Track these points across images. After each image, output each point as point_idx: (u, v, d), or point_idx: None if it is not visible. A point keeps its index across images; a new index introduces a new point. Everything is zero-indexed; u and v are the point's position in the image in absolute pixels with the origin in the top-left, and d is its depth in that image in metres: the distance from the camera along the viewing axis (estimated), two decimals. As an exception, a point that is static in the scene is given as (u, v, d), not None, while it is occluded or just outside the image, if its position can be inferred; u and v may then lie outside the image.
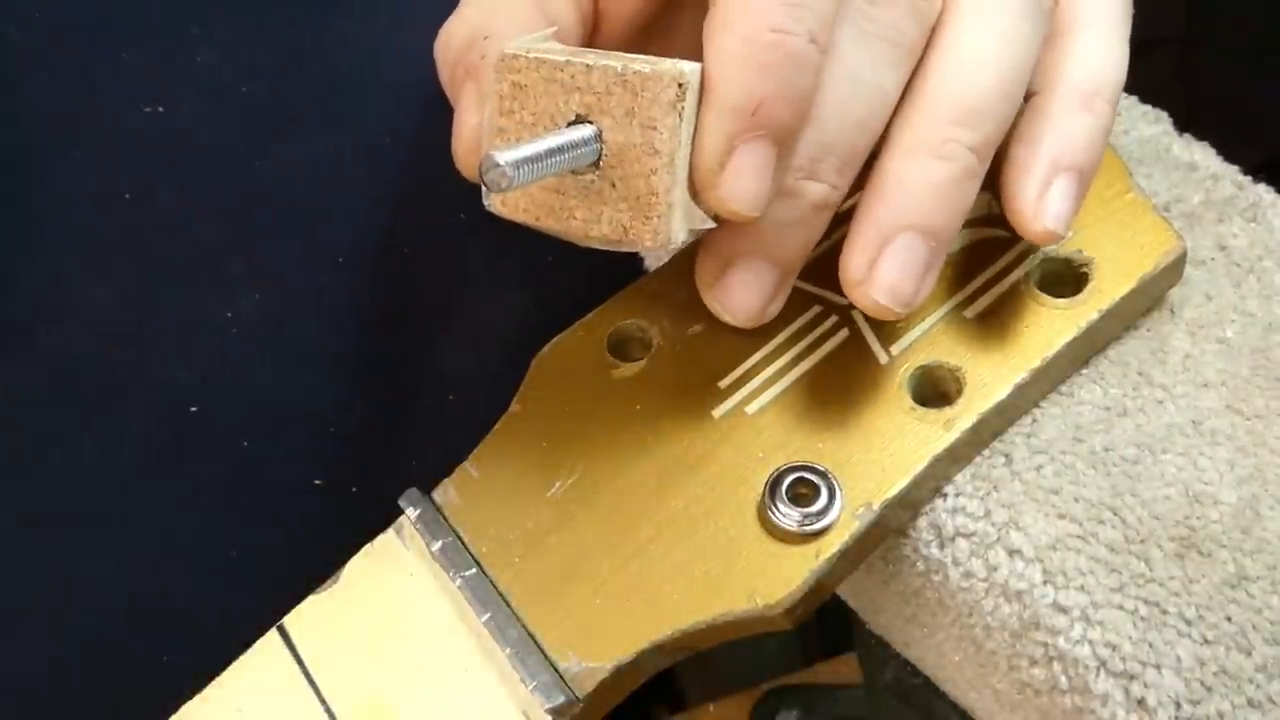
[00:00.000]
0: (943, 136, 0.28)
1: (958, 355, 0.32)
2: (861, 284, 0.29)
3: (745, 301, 0.30)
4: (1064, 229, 0.30)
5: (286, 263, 0.38)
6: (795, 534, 0.30)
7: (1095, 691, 0.29)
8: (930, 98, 0.29)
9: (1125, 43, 0.32)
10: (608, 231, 0.27)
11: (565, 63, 0.27)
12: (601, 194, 0.27)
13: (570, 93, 0.27)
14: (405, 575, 0.31)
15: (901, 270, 0.28)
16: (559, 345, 0.33)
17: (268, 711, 0.31)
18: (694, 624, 0.29)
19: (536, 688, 0.29)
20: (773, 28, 0.26)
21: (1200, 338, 0.34)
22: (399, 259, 0.39)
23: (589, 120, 0.27)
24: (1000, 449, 0.32)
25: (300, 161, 0.38)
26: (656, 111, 0.26)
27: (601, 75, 0.27)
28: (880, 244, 0.28)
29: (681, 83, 0.26)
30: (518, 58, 0.27)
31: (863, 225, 0.29)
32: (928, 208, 0.28)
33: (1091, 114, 0.30)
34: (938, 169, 0.28)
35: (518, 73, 0.27)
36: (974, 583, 0.31)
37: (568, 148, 0.26)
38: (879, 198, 0.28)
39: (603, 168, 0.27)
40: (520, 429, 0.32)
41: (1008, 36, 0.29)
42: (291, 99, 0.38)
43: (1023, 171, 0.30)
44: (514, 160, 0.25)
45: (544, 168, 0.26)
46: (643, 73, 0.26)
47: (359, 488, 0.40)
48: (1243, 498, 0.31)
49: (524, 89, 0.27)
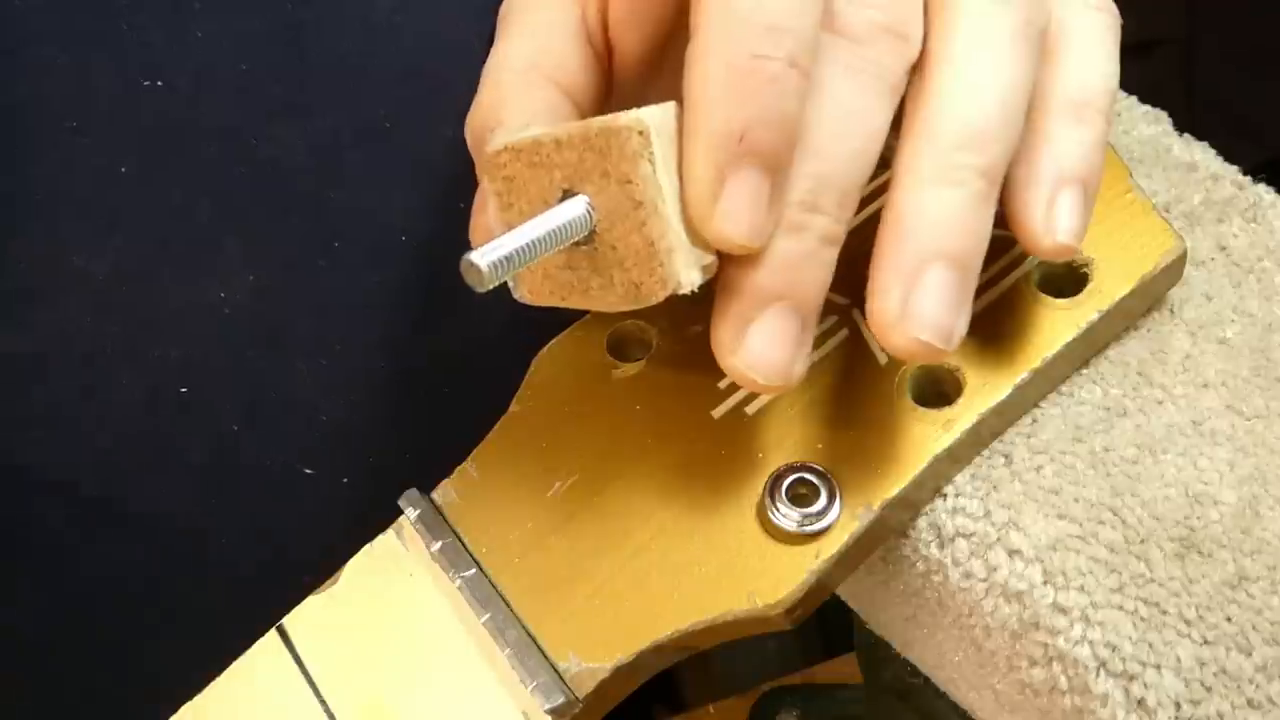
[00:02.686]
0: (951, 163, 0.28)
1: (957, 355, 0.32)
2: (900, 322, 0.27)
3: (773, 355, 0.27)
4: (1076, 241, 0.30)
5: (281, 245, 0.38)
6: (795, 534, 0.30)
7: (1095, 692, 0.29)
8: (932, 126, 0.28)
9: (1114, 52, 0.32)
10: (624, 294, 0.27)
11: (535, 143, 0.27)
12: (607, 260, 0.27)
13: (550, 170, 0.27)
14: (405, 575, 0.31)
15: (938, 303, 0.27)
16: (559, 345, 0.33)
17: (267, 711, 0.31)
18: (694, 624, 0.29)
19: (536, 688, 0.29)
20: (752, 53, 0.26)
21: (1200, 338, 0.34)
22: (395, 246, 0.39)
23: (575, 193, 0.27)
24: (1000, 449, 0.32)
25: (297, 142, 0.38)
26: (626, 165, 0.26)
27: (569, 144, 0.26)
28: (909, 279, 0.27)
29: (641, 130, 0.26)
30: (500, 153, 0.28)
31: (886, 263, 0.28)
32: (949, 235, 0.28)
33: (1085, 125, 0.30)
34: (952, 196, 0.28)
35: (504, 167, 0.28)
36: (974, 583, 0.31)
37: (552, 228, 0.26)
38: (897, 233, 0.28)
39: (599, 234, 0.27)
40: (520, 429, 0.32)
41: (1003, 59, 0.29)
42: (290, 78, 0.38)
43: (1026, 190, 0.30)
44: (490, 260, 0.25)
45: (528, 255, 0.26)
46: (605, 129, 0.26)
47: (349, 478, 0.40)
48: (1243, 498, 0.31)
49: (513, 181, 0.28)
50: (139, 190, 0.34)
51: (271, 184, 0.38)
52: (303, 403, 0.40)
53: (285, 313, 0.38)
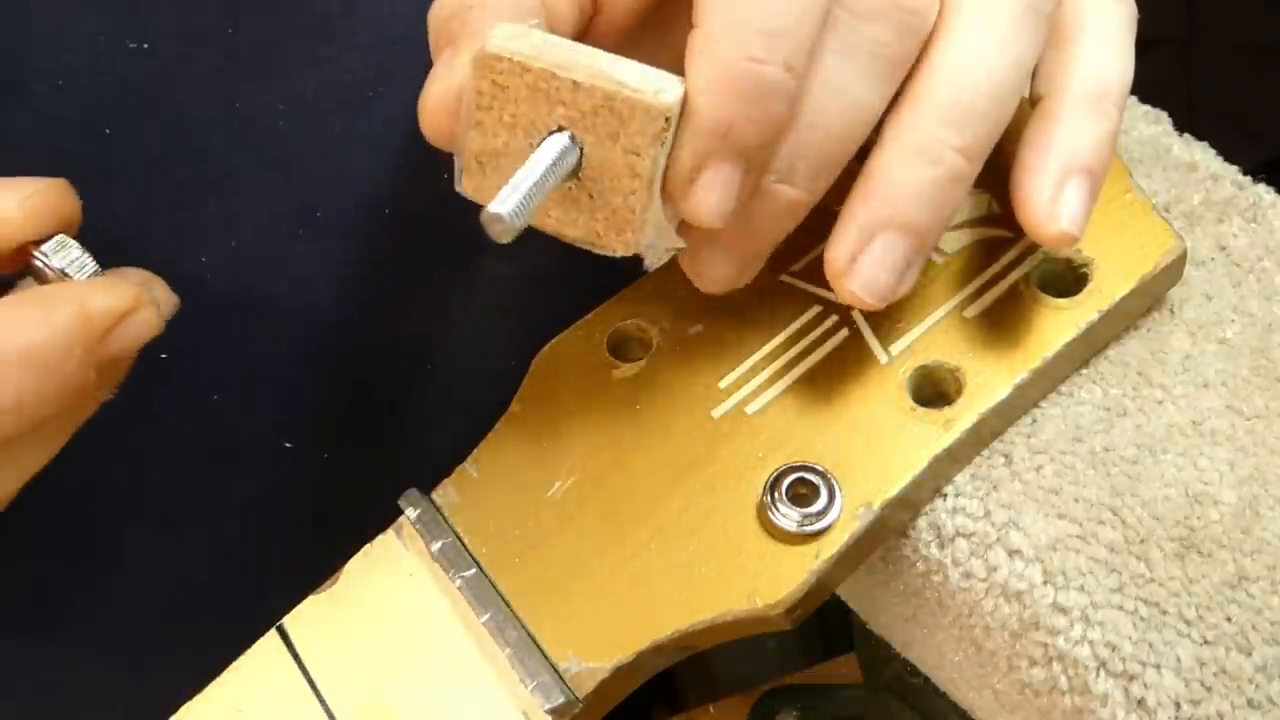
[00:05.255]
0: (930, 138, 0.28)
1: (957, 355, 0.32)
2: (842, 276, 0.29)
3: (716, 272, 0.30)
4: (1079, 231, 0.30)
5: (261, 212, 0.38)
6: (795, 534, 0.30)
7: (1095, 692, 0.29)
8: (920, 99, 0.29)
9: (1130, 47, 0.32)
10: (581, 235, 0.28)
11: (552, 75, 0.27)
12: (578, 202, 0.28)
13: (554, 105, 0.27)
14: (405, 575, 0.31)
15: (880, 266, 0.29)
16: (559, 345, 0.33)
17: (267, 711, 0.31)
18: (694, 624, 0.29)
19: (536, 688, 0.29)
20: (749, 57, 0.26)
21: (1200, 338, 0.34)
22: (378, 216, 0.39)
23: (569, 132, 0.27)
24: (1000, 449, 0.32)
25: (278, 105, 0.37)
26: (642, 141, 0.26)
27: (589, 96, 0.26)
28: (862, 240, 0.29)
29: (669, 116, 0.26)
30: (501, 59, 0.27)
31: (847, 221, 0.29)
32: (911, 208, 0.29)
33: (1100, 117, 0.30)
34: (924, 170, 0.28)
35: (500, 74, 0.27)
36: (974, 583, 0.31)
37: (551, 170, 0.27)
38: (865, 196, 0.29)
39: (581, 179, 0.27)
40: (520, 429, 0.32)
41: (1002, 39, 0.29)
42: (272, 37, 0.37)
43: (1034, 175, 0.30)
44: (513, 209, 0.26)
45: (538, 196, 0.26)
46: (631, 100, 0.26)
47: (329, 453, 0.40)
48: (1243, 498, 0.31)
49: (505, 90, 0.27)
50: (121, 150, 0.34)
51: (250, 148, 0.38)
52: (281, 375, 0.39)
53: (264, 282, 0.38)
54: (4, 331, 0.28)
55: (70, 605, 0.40)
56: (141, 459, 0.39)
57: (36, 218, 0.30)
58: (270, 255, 0.38)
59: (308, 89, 0.38)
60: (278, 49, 0.37)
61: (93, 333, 0.29)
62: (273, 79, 0.37)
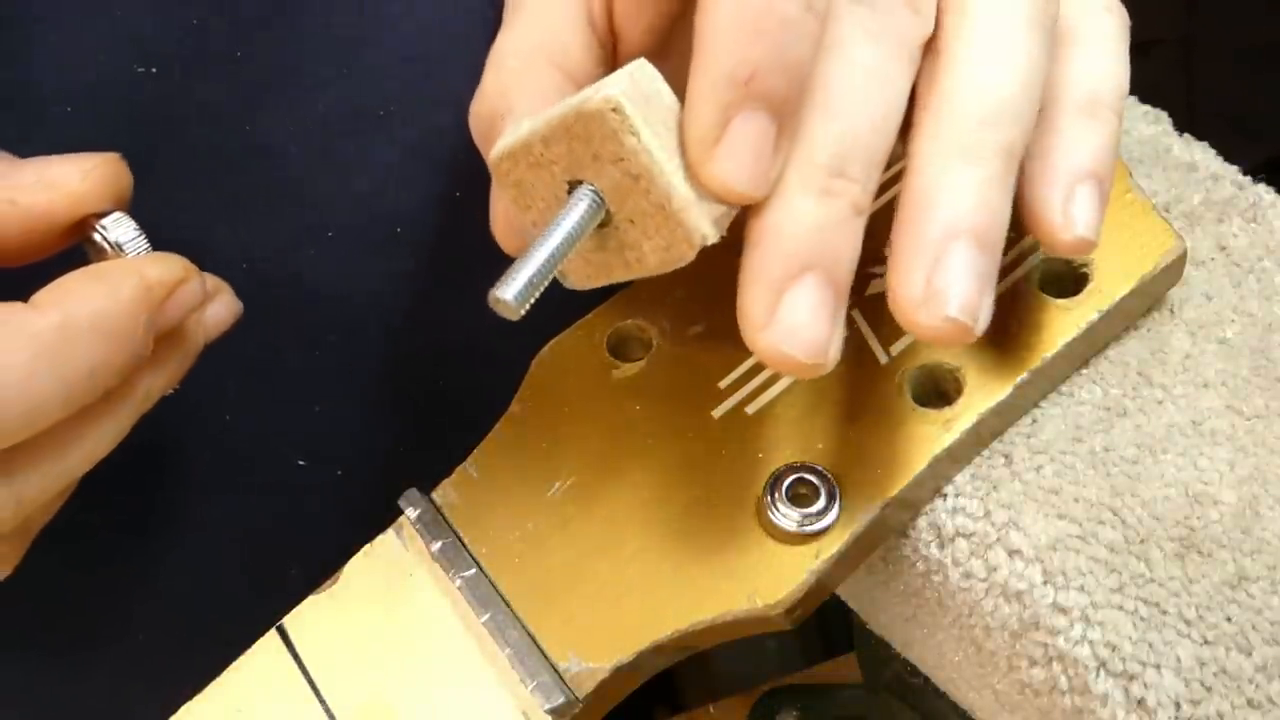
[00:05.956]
0: (974, 139, 0.27)
1: (957, 355, 0.32)
2: (926, 303, 0.26)
3: (809, 328, 0.25)
4: (1095, 235, 0.29)
5: (273, 234, 0.38)
6: (795, 534, 0.30)
7: (1095, 692, 0.29)
8: (952, 102, 0.28)
9: (1125, 54, 0.32)
10: (659, 260, 0.27)
11: (526, 145, 0.26)
12: (631, 234, 0.27)
13: (549, 167, 0.26)
14: (405, 576, 0.31)
15: (964, 279, 0.26)
16: (559, 345, 0.33)
17: (267, 712, 0.31)
18: (693, 624, 0.29)
19: (536, 688, 0.29)
20: None
21: (1200, 338, 0.34)
22: (391, 236, 0.39)
23: (580, 182, 0.26)
24: (1000, 449, 0.32)
25: (288, 127, 0.38)
26: (612, 145, 0.25)
27: (554, 138, 0.26)
28: (934, 257, 0.26)
29: (614, 107, 0.25)
30: (502, 161, 0.27)
31: (907, 242, 0.27)
32: (973, 211, 0.27)
33: (1100, 123, 0.30)
34: (975, 172, 0.27)
35: (509, 174, 0.27)
36: (974, 583, 0.31)
37: (565, 234, 0.26)
38: (918, 210, 0.27)
39: (614, 214, 0.26)
40: (520, 429, 0.32)
41: (1021, 41, 0.28)
42: (281, 59, 0.37)
43: (1043, 184, 0.29)
44: (514, 291, 0.25)
45: (549, 269, 0.25)
46: (580, 115, 0.25)
47: (344, 470, 0.40)
48: (1243, 498, 0.31)
49: (521, 184, 0.27)
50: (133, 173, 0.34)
51: (262, 171, 0.38)
52: (295, 395, 0.40)
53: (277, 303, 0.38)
54: (75, 303, 0.29)
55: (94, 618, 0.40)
56: (152, 473, 0.39)
57: (97, 190, 0.31)
58: (282, 275, 0.38)
59: (318, 111, 0.38)
60: (288, 72, 0.38)
61: (153, 302, 0.30)
62: (282, 102, 0.38)
